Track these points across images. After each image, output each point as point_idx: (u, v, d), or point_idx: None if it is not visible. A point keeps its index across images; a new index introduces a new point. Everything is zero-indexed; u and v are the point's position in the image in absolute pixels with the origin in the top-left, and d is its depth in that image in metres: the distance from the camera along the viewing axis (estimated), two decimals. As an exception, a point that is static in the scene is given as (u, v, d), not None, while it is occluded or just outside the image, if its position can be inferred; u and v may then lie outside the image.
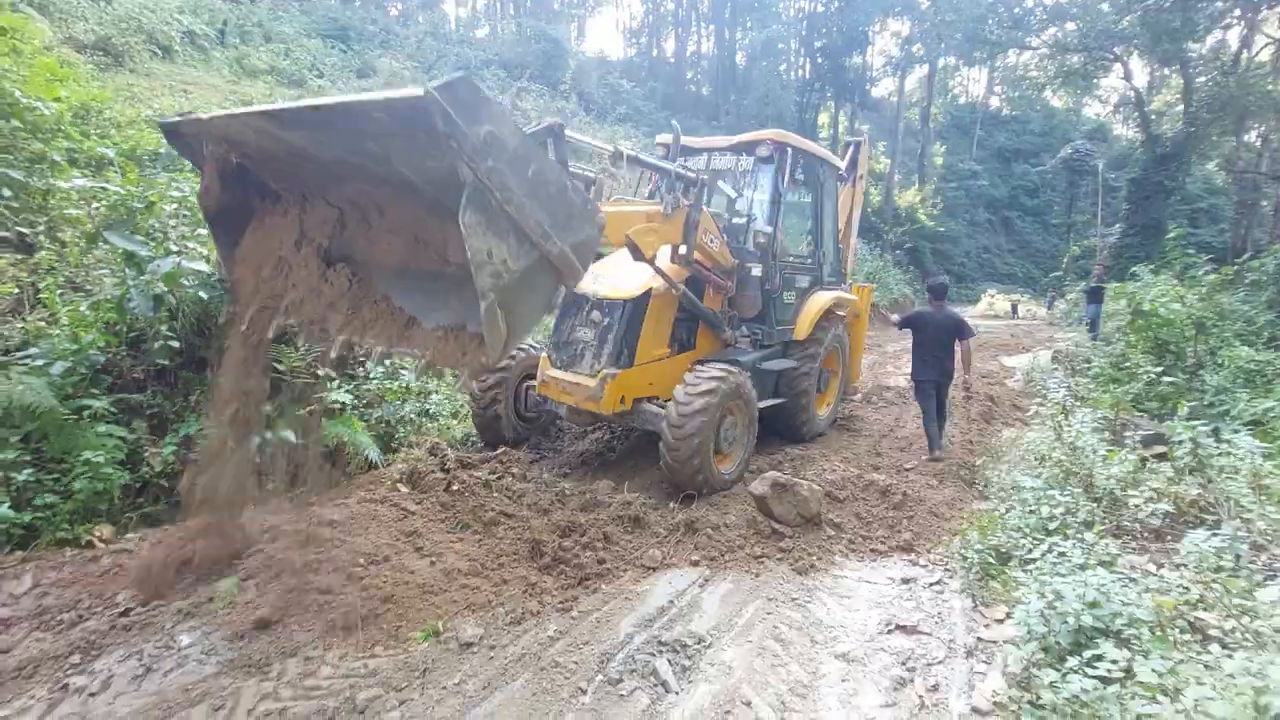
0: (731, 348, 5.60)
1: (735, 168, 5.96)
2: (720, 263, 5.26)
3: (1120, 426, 5.13)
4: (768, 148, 5.63)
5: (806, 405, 6.09)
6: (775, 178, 5.74)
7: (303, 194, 3.18)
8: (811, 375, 6.09)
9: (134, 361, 4.61)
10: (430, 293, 2.94)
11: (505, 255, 2.42)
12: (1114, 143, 43.68)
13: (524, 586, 3.49)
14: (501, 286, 2.41)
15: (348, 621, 3.14)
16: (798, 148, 5.92)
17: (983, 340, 16.02)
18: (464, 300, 2.59)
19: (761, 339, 5.82)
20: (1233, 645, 2.22)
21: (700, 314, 5.32)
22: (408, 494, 4.32)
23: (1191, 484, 3.79)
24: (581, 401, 4.76)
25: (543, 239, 2.51)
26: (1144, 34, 22.69)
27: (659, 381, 5.00)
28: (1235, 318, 10.45)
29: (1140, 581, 2.82)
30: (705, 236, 4.91)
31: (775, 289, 5.80)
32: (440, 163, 2.25)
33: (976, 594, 3.45)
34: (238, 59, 16.10)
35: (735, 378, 4.79)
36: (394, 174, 2.53)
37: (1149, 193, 24.87)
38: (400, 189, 2.68)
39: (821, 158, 6.50)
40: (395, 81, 18.55)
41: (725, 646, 3.03)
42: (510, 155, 2.31)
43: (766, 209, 5.76)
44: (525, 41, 30.14)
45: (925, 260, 33.97)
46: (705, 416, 4.45)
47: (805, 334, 6.04)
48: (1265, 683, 1.65)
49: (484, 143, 2.20)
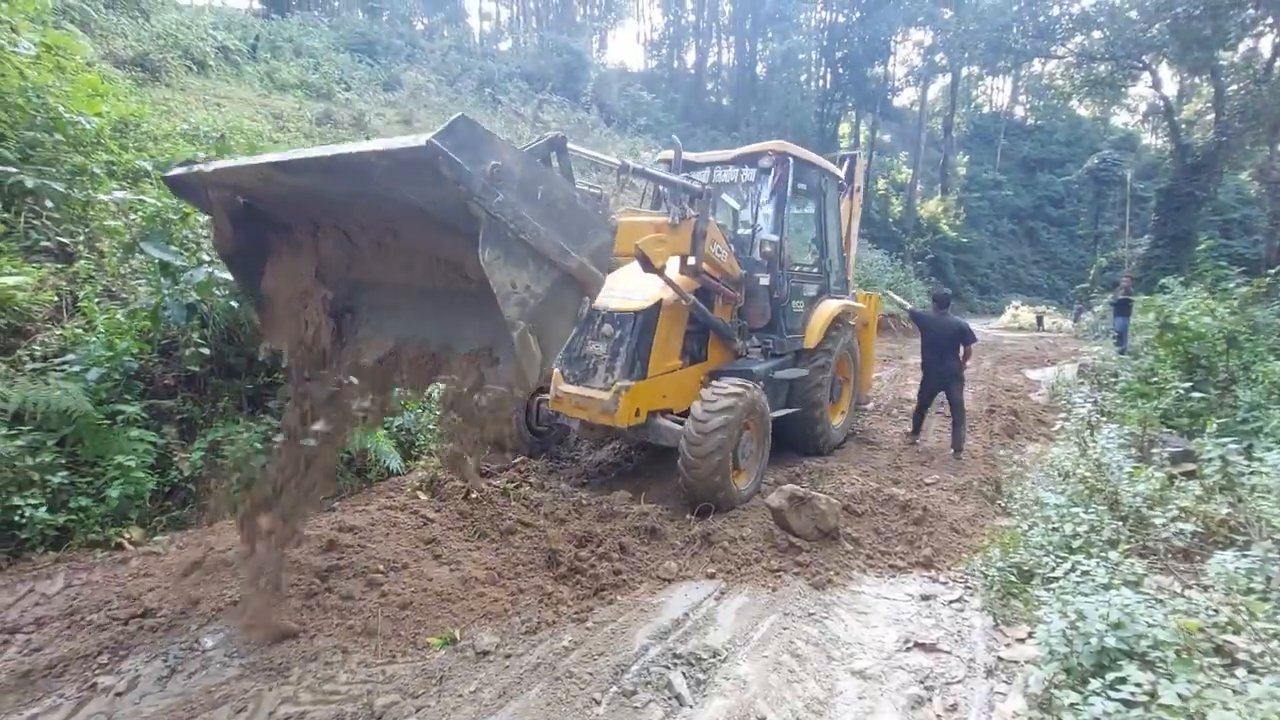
0: (743, 358, 5.60)
1: (739, 180, 6.03)
2: (728, 273, 5.28)
3: (1148, 443, 5.03)
4: (770, 159, 5.67)
5: (820, 415, 6.08)
6: (777, 188, 5.74)
7: (314, 223, 3.21)
8: (824, 383, 6.09)
9: (166, 368, 4.75)
10: (456, 314, 2.97)
11: (528, 281, 2.41)
12: (1142, 152, 42.92)
13: (540, 596, 3.51)
14: (529, 313, 2.42)
15: (367, 627, 3.19)
16: (799, 158, 5.96)
17: (1006, 353, 15.82)
18: (489, 319, 2.57)
19: (772, 348, 5.82)
20: (1261, 670, 2.16)
21: (711, 325, 5.31)
22: (427, 502, 4.37)
23: (1221, 503, 3.69)
24: (596, 416, 4.71)
25: (561, 256, 2.51)
26: (1173, 42, 22.31)
27: (672, 394, 5.00)
28: (1270, 331, 10.15)
29: (1167, 603, 2.76)
30: (713, 247, 4.92)
31: (784, 298, 5.83)
32: (449, 198, 2.25)
33: (997, 612, 3.40)
34: (268, 73, 16.55)
35: (751, 393, 4.76)
36: (404, 201, 2.53)
37: (1179, 203, 24.37)
38: (410, 212, 2.67)
39: (823, 168, 6.56)
40: (421, 94, 18.95)
41: (740, 661, 3.01)
42: (518, 183, 2.31)
43: (771, 219, 5.81)
44: (547, 54, 30.55)
45: (948, 271, 33.61)
46: (724, 434, 4.42)
47: (816, 342, 6.05)
48: (1294, 711, 1.61)
49: (491, 178, 2.20)
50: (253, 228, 3.17)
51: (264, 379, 4.89)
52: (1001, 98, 52.10)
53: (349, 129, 13.10)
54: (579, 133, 21.08)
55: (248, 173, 2.85)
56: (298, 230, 3.24)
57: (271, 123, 12.05)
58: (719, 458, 4.39)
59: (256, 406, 4.83)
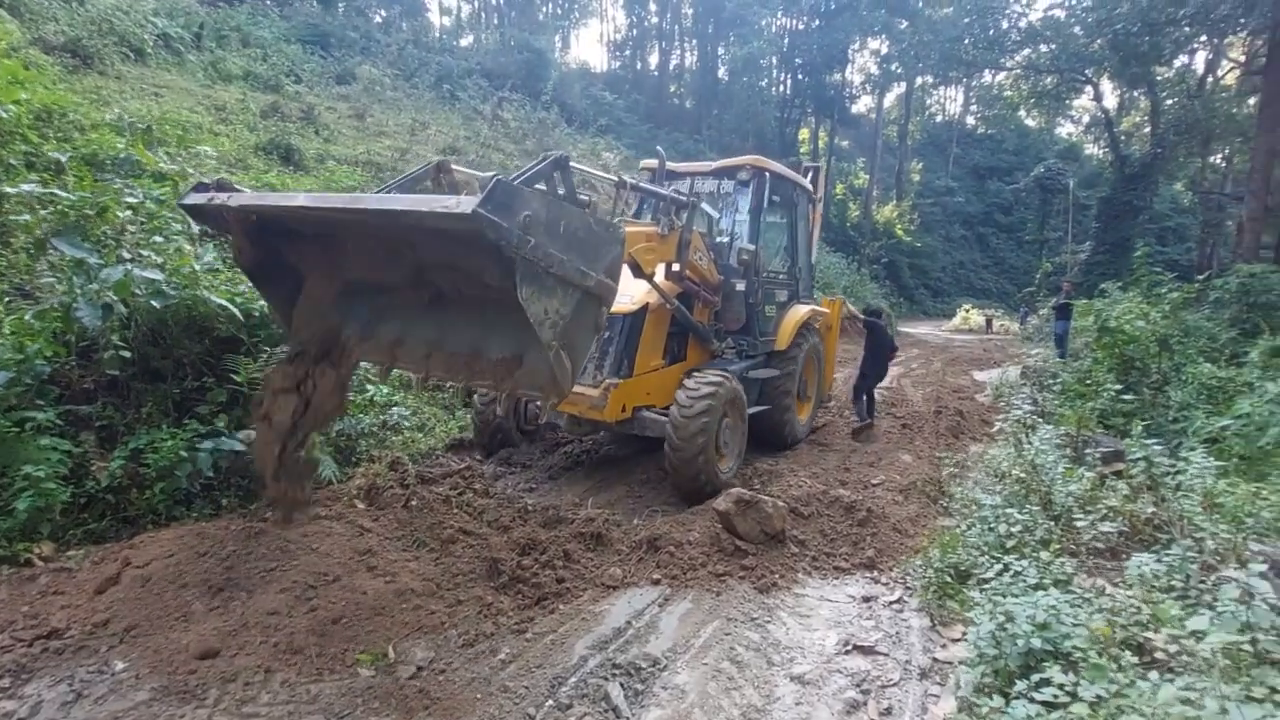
0: (719, 359, 5.91)
1: (717, 191, 6.37)
2: (708, 279, 5.56)
3: (1082, 443, 5.20)
4: (747, 172, 6.10)
5: (789, 411, 6.50)
6: (754, 199, 6.14)
7: (330, 237, 3.44)
8: (793, 383, 6.53)
9: (84, 372, 4.48)
10: (480, 322, 3.24)
11: (557, 307, 2.68)
12: (1085, 162, 44.84)
13: (480, 607, 3.41)
14: (559, 333, 2.71)
15: (293, 644, 3.04)
16: (774, 172, 6.36)
17: (956, 355, 16.29)
18: (514, 326, 2.85)
19: (746, 350, 6.16)
20: (1177, 669, 2.23)
21: (690, 327, 5.60)
22: (364, 510, 4.22)
23: (1146, 502, 3.83)
24: (586, 411, 4.93)
25: (582, 279, 2.75)
26: (1113, 57, 23.34)
27: (655, 391, 5.27)
28: (1199, 335, 10.69)
29: (1093, 602, 2.83)
30: (695, 254, 5.24)
31: (758, 303, 6.19)
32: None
33: (934, 613, 3.45)
34: (213, 63, 15.87)
35: (730, 384, 5.16)
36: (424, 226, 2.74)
37: (1118, 211, 25.50)
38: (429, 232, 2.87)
39: (795, 181, 6.95)
40: (375, 88, 18.46)
41: (680, 669, 2.98)
42: (544, 226, 2.53)
43: (747, 228, 6.18)
44: (508, 51, 30.18)
45: (903, 274, 34.45)
46: (708, 418, 4.77)
47: (786, 344, 6.48)
48: (1199, 713, 1.64)
49: (524, 228, 2.42)
50: (269, 242, 3.42)
51: (192, 383, 4.65)
52: (954, 107, 53.76)
53: (297, 122, 12.67)
54: (540, 132, 20.88)
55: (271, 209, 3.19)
56: (316, 242, 3.47)
57: (214, 114, 11.57)
58: (702, 440, 4.73)
59: (184, 412, 4.59)
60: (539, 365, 2.88)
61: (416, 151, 14.07)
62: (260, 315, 4.90)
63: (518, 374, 3.03)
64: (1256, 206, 17.71)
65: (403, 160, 12.83)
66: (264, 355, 4.76)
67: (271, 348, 4.83)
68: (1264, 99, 18.04)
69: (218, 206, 3.13)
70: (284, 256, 3.52)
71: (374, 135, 14.52)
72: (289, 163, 10.14)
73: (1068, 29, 25.45)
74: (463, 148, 15.81)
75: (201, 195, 3.21)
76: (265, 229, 3.35)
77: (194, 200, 3.23)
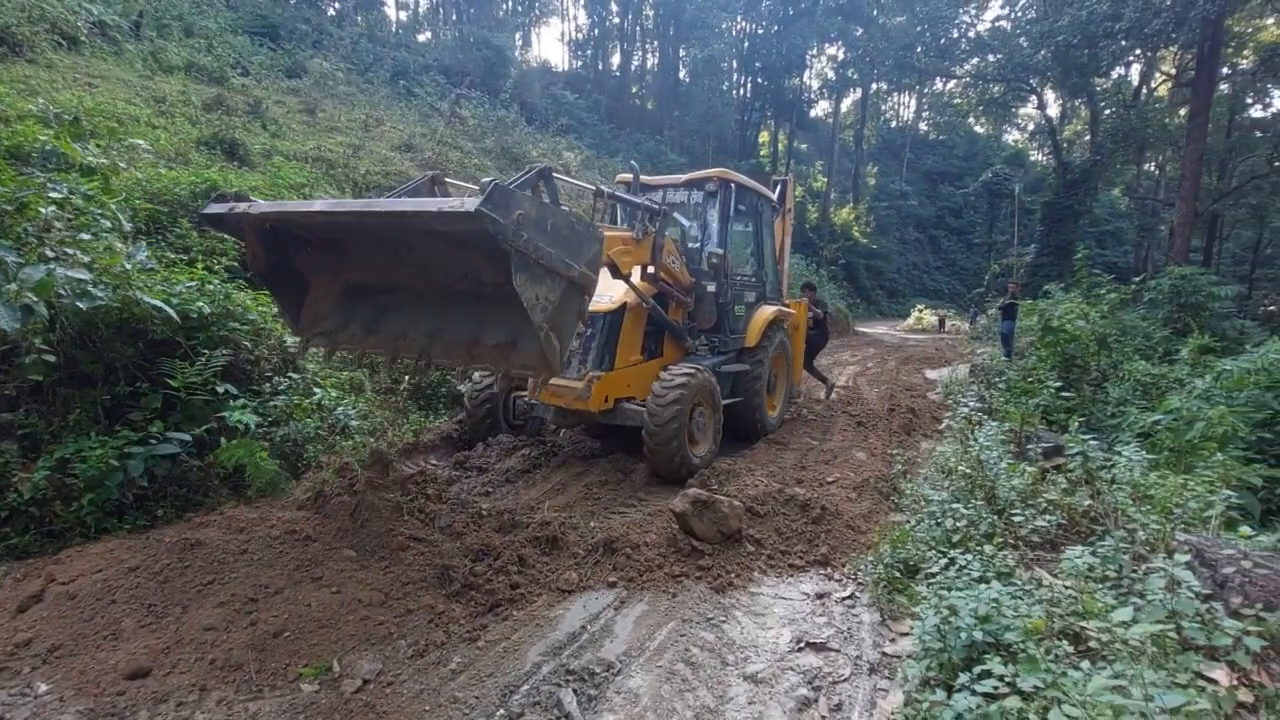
0: (693, 355, 6.41)
1: (688, 200, 6.89)
2: (681, 281, 6.12)
3: (1025, 439, 5.38)
4: (714, 184, 6.62)
5: (760, 403, 6.99)
6: (721, 209, 6.66)
7: (339, 241, 3.83)
8: (763, 377, 7.02)
9: (4, 378, 4.22)
10: (476, 314, 3.64)
11: (546, 293, 3.09)
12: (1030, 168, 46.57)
13: (430, 616, 3.33)
14: (549, 317, 3.12)
15: (231, 660, 2.92)
16: (739, 183, 6.87)
17: (910, 354, 16.73)
18: (507, 316, 3.37)
19: (718, 346, 6.70)
20: (1110, 657, 2.31)
21: (666, 325, 6.10)
22: (310, 519, 4.07)
23: (1083, 495, 3.98)
24: (571, 402, 5.36)
25: (566, 270, 3.16)
26: (1056, 68, 24.32)
27: (635, 383, 5.73)
28: (1135, 334, 11.22)
29: (1033, 594, 2.92)
30: (668, 258, 5.77)
31: (727, 303, 6.70)
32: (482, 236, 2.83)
33: (884, 608, 3.51)
34: (153, 53, 15.16)
35: (702, 375, 5.59)
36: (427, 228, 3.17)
37: (1060, 215, 26.56)
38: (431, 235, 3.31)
39: (759, 192, 7.49)
40: (327, 83, 17.93)
41: (634, 673, 2.96)
42: (534, 222, 2.93)
43: (716, 234, 6.68)
44: (467, 48, 29.75)
45: (860, 276, 35.22)
46: (680, 406, 5.18)
47: (755, 341, 6.99)
48: (1126, 702, 1.71)
49: (517, 224, 2.80)
50: (279, 248, 3.83)
51: (124, 388, 4.42)
52: (907, 113, 55.32)
53: (243, 116, 12.20)
54: (499, 130, 20.61)
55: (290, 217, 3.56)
56: (322, 248, 3.87)
57: (152, 107, 11.05)
58: (675, 426, 5.15)
59: (116, 419, 4.37)
60: (531, 348, 3.33)
61: (370, 148, 13.74)
62: (198, 316, 4.70)
63: (512, 356, 3.48)
64: (1186, 212, 18.69)
65: (355, 157, 12.49)
66: (202, 358, 4.55)
67: (211, 350, 4.63)
68: (1192, 110, 19.07)
69: (237, 216, 3.45)
70: (292, 263, 3.93)
71: (325, 131, 14.09)
72: (233, 158, 9.75)
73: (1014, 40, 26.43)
74: (419, 144, 15.48)
75: (222, 206, 3.52)
76: (276, 237, 3.75)
77: (214, 210, 3.54)
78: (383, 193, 11.97)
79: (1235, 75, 24.80)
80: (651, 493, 5.22)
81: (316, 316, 4.04)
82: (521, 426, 6.47)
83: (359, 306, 4.00)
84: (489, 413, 6.13)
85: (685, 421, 5.30)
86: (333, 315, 4.02)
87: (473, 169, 16.24)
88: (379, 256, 3.75)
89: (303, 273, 4.01)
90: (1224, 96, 24.24)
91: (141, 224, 6.05)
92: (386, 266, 3.79)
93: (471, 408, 6.11)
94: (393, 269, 3.78)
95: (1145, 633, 2.12)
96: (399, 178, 12.64)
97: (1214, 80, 19.91)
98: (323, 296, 4.05)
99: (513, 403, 6.36)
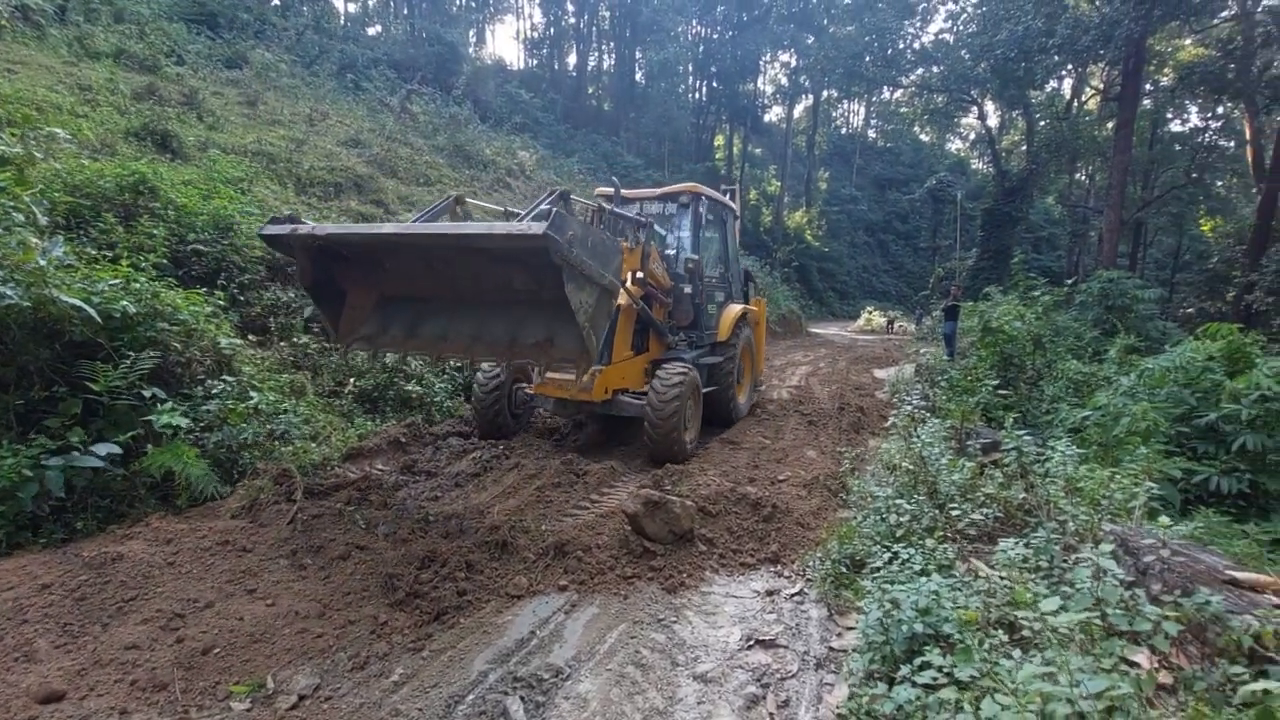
0: (674, 349, 7.08)
1: (662, 212, 7.56)
2: (662, 284, 6.75)
3: (965, 435, 5.56)
4: (687, 197, 7.42)
5: (733, 392, 7.76)
6: (693, 219, 7.44)
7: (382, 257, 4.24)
8: (734, 367, 7.77)
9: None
10: (510, 317, 4.18)
11: (586, 298, 3.59)
12: (971, 176, 48.55)
13: (372, 626, 3.22)
14: (589, 317, 3.63)
15: (156, 680, 2.75)
16: (708, 196, 7.65)
17: (859, 354, 17.17)
18: (542, 317, 4.02)
19: (695, 341, 7.41)
20: (1041, 645, 2.39)
21: (651, 323, 6.72)
22: (245, 528, 3.88)
23: (1018, 489, 4.13)
24: (575, 394, 5.96)
25: (600, 278, 3.63)
26: (994, 80, 25.40)
27: (628, 376, 6.44)
28: (1068, 334, 11.77)
29: (971, 585, 3.01)
30: (654, 264, 6.39)
31: (702, 302, 7.37)
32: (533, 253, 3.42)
33: (831, 603, 3.57)
34: (79, 38, 14.28)
35: (693, 374, 6.29)
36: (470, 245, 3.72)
37: (999, 221, 27.73)
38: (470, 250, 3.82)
39: (724, 203, 8.31)
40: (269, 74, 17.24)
41: (583, 677, 2.92)
42: (580, 239, 3.40)
43: (689, 241, 7.44)
44: (419, 43, 29.13)
45: (812, 278, 35.96)
46: (678, 402, 5.88)
47: (726, 335, 7.73)
48: (1054, 689, 1.77)
49: (569, 243, 3.28)
50: (325, 262, 4.24)
51: (40, 393, 4.14)
52: (857, 120, 56.80)
53: (177, 107, 11.61)
54: (451, 127, 20.21)
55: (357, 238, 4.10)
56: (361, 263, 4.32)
57: (77, 95, 10.40)
58: (675, 419, 5.86)
59: (30, 426, 4.08)
60: (568, 343, 3.90)
61: (315, 143, 13.27)
62: (122, 317, 4.43)
63: (552, 351, 3.99)
64: (1113, 219, 19.77)
65: (299, 151, 12.05)
66: (127, 360, 4.29)
67: (137, 352, 4.38)
68: (1119, 123, 20.18)
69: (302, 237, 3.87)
70: (334, 276, 4.36)
71: (267, 124, 13.55)
72: (166, 150, 9.27)
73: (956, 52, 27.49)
74: (367, 140, 15.04)
75: (282, 227, 3.96)
76: (322, 254, 4.14)
77: (273, 231, 3.96)
78: (328, 188, 11.60)
79: (1157, 91, 26.38)
80: (604, 494, 5.19)
81: (354, 324, 4.48)
82: (521, 415, 6.99)
83: (396, 313, 4.45)
84: (496, 400, 6.54)
85: (683, 413, 6.01)
86: (370, 322, 4.48)
87: (423, 166, 15.89)
88: (413, 270, 4.23)
89: (342, 285, 4.44)
90: (1147, 111, 25.78)
91: (61, 218, 5.69)
92: (419, 278, 4.28)
93: (481, 395, 6.55)
94: (424, 280, 4.29)
95: (1073, 621, 2.20)
96: (345, 174, 12.26)
97: (1138, 95, 21.14)
98: (359, 305, 4.49)
99: (515, 394, 6.84)
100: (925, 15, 34.87)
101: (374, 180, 12.94)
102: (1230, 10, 20.10)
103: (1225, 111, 26.48)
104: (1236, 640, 2.31)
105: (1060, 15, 20.01)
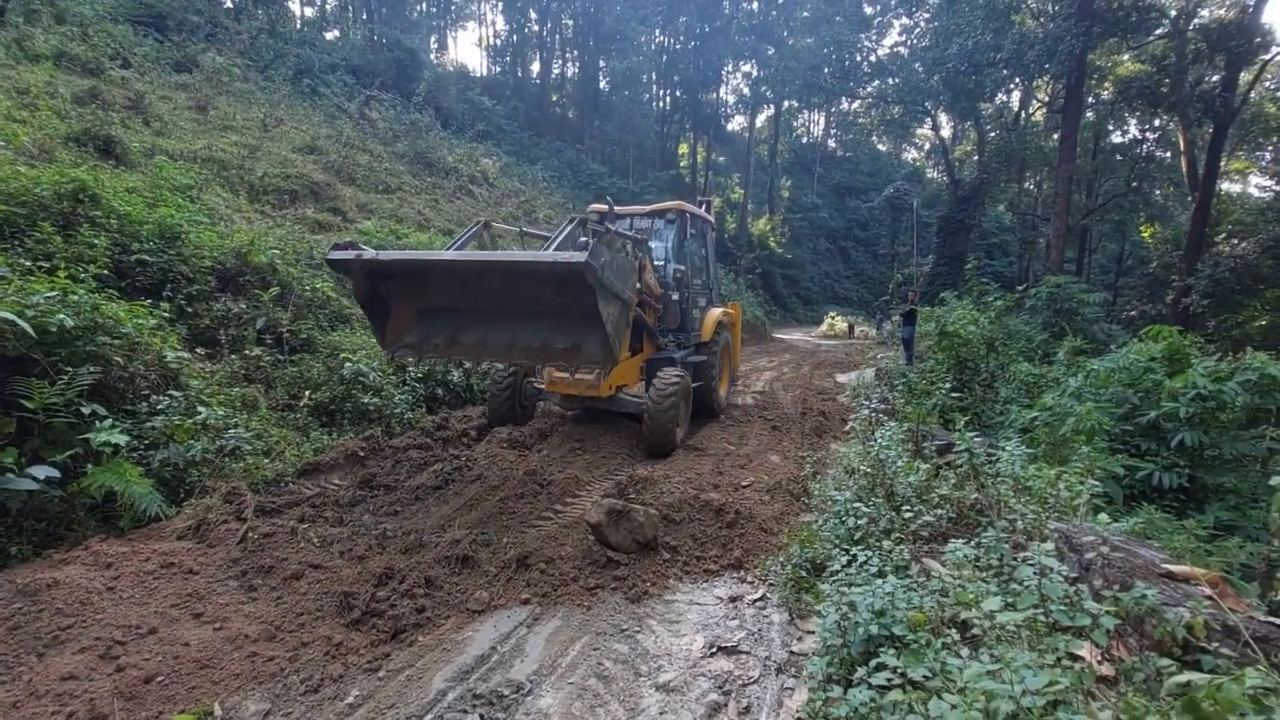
0: (664, 349, 7.84)
1: (650, 227, 8.29)
2: (654, 291, 7.46)
3: (921, 438, 5.69)
4: (673, 214, 8.29)
5: (715, 386, 8.65)
6: (678, 233, 8.32)
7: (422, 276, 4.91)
8: (716, 365, 8.67)
9: None
10: (540, 327, 4.85)
11: (612, 311, 4.28)
12: (927, 184, 49.90)
13: (327, 648, 3.13)
14: (614, 326, 4.31)
15: (94, 712, 2.63)
16: (692, 213, 8.61)
17: (822, 359, 17.44)
18: (570, 326, 4.73)
19: (681, 342, 8.20)
20: (989, 643, 2.46)
21: (645, 327, 7.47)
22: (192, 550, 3.74)
23: (970, 490, 4.25)
24: (585, 391, 6.89)
25: (621, 292, 4.38)
26: (947, 92, 26.25)
27: (626, 375, 7.26)
28: (1019, 337, 12.18)
29: (926, 586, 3.07)
30: (648, 275, 7.05)
31: (687, 307, 8.21)
32: None
33: (793, 608, 3.61)
34: (17, 40, 13.68)
35: (687, 378, 7.17)
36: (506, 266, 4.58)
37: (954, 228, 28.60)
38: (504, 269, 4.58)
39: (705, 218, 9.23)
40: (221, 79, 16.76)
41: (545, 692, 2.89)
42: (610, 261, 4.12)
43: (675, 253, 8.28)
44: (378, 49, 28.70)
45: (776, 284, 36.45)
46: (675, 399, 6.70)
47: (708, 336, 8.66)
48: (999, 686, 1.82)
49: (603, 267, 4.00)
50: (373, 282, 4.88)
51: (-30, 411, 3.92)
52: (817, 129, 57.87)
53: (122, 111, 11.20)
54: (412, 134, 19.96)
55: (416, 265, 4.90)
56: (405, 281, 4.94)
57: (14, 99, 9.95)
58: (671, 415, 6.66)
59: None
60: (595, 349, 4.59)
61: (269, 149, 12.95)
62: (59, 330, 4.24)
63: (580, 354, 4.68)
64: (1060, 226, 20.57)
65: (252, 158, 11.74)
66: (65, 376, 4.11)
67: (75, 367, 4.19)
68: (1063, 134, 21.03)
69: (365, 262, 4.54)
70: (380, 293, 4.94)
71: (218, 130, 13.15)
72: (109, 156, 8.92)
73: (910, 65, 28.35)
74: (324, 146, 14.73)
75: (346, 253, 4.57)
76: (375, 273, 4.76)
77: (337, 256, 4.61)
78: (282, 195, 11.31)
79: (1099, 104, 27.59)
80: (568, 504, 5.16)
81: (399, 334, 5.06)
82: (530, 409, 7.84)
83: (436, 324, 5.05)
84: (509, 393, 7.43)
85: (679, 411, 6.86)
86: (413, 331, 5.07)
87: (383, 173, 15.64)
88: (450, 286, 4.86)
89: (387, 300, 4.98)
90: (1090, 123, 26.91)
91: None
92: (457, 294, 4.89)
93: (495, 391, 7.44)
94: (461, 295, 4.88)
95: (1017, 618, 2.27)
96: (301, 181, 11.99)
97: (1081, 108, 22.09)
98: (402, 317, 5.07)
99: (524, 388, 7.65)
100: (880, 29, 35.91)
101: (331, 187, 12.68)
102: (1164, 28, 21.18)
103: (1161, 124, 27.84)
104: (1171, 631, 2.41)
105: (1007, 31, 20.84)
